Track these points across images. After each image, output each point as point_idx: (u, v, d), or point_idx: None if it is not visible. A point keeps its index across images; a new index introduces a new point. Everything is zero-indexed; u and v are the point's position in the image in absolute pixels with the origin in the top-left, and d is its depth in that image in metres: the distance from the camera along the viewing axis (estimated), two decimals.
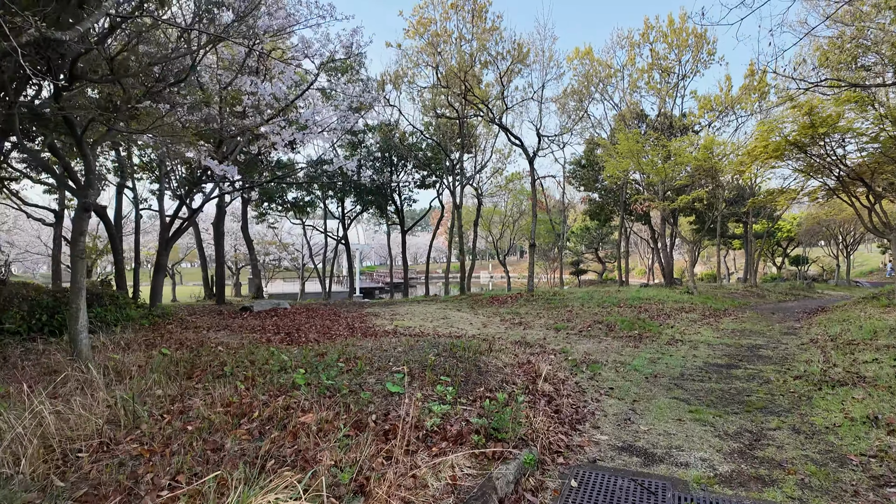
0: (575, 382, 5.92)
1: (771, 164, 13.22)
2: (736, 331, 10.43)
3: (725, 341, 9.04)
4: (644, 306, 13.37)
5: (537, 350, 7.73)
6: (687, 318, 12.03)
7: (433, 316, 11.84)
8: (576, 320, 11.10)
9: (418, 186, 24.66)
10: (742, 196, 27.51)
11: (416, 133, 21.60)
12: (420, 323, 10.64)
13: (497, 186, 27.98)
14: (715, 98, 20.84)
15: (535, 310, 12.95)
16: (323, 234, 23.00)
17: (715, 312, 13.86)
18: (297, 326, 9.63)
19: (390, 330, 9.57)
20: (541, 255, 39.89)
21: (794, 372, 6.63)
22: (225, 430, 3.65)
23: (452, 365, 5.53)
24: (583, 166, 27.15)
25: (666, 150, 18.25)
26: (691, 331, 10.20)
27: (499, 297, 15.90)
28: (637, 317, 11.54)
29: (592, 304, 13.68)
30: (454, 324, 10.54)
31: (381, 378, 4.97)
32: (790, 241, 37.93)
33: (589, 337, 9.25)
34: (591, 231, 35.65)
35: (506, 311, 12.57)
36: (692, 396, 5.56)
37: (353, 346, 6.61)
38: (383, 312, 12.69)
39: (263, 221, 25.02)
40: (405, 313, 12.46)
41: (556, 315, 11.91)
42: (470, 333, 9.31)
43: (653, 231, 28.52)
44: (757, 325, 11.33)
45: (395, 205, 24.09)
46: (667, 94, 22.84)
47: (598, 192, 27.72)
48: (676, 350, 8.18)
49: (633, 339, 9.11)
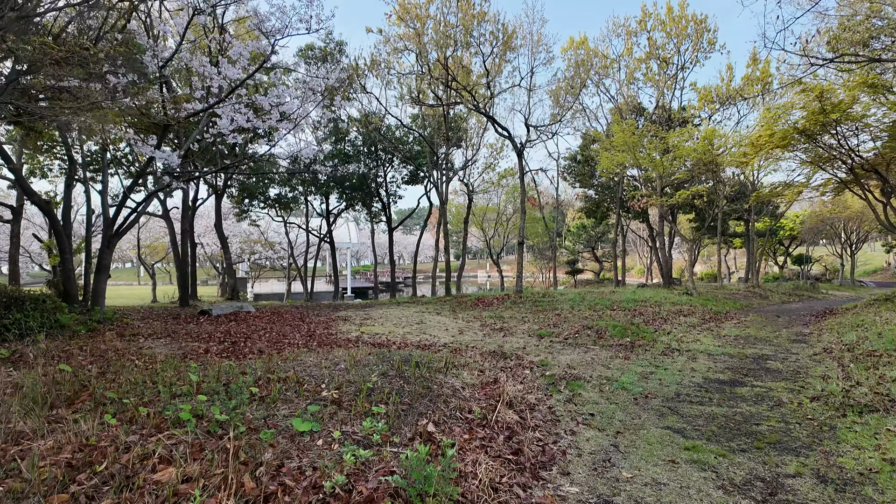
0: (548, 407, 4.92)
1: (777, 154, 12.23)
2: (739, 338, 9.43)
3: (728, 351, 8.05)
4: (639, 309, 12.37)
5: (512, 363, 6.73)
6: (685, 323, 11.04)
7: (408, 320, 10.85)
8: (563, 325, 10.10)
9: (406, 182, 23.66)
10: (744, 193, 26.52)
11: (401, 127, 20.59)
12: (390, 329, 9.65)
13: (489, 183, 26.97)
14: (716, 89, 19.83)
15: (520, 313, 11.96)
16: (305, 231, 21.98)
17: (715, 316, 12.87)
18: (249, 334, 8.63)
19: (353, 338, 8.58)
20: (537, 254, 38.89)
21: (810, 391, 5.63)
22: (43, 494, 2.66)
23: (398, 387, 4.54)
24: (578, 162, 26.14)
25: (664, 143, 17.26)
26: (690, 338, 9.20)
27: (485, 298, 14.91)
28: (630, 321, 10.54)
29: (583, 306, 12.68)
30: (428, 330, 9.55)
31: (299, 407, 3.98)
32: (792, 240, 36.94)
33: (575, 346, 8.25)
34: (587, 229, 34.62)
35: (489, 315, 11.58)
36: (689, 425, 4.56)
37: (293, 361, 5.62)
38: (355, 316, 11.70)
39: (245, 218, 24.00)
40: (379, 317, 11.47)
41: (542, 319, 10.92)
42: (442, 342, 8.32)
43: (651, 229, 27.52)
44: (762, 331, 10.33)
45: (381, 202, 23.09)
46: (665, 86, 21.81)
47: (595, 188, 26.72)
48: (672, 362, 7.18)
49: (623, 348, 8.11)
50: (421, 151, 20.85)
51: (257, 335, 8.60)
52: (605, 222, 31.06)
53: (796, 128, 10.20)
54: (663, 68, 21.60)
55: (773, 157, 12.61)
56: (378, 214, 24.08)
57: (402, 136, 21.48)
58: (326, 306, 15.29)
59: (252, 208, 23.81)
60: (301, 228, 23.73)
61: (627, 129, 16.45)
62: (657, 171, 17.10)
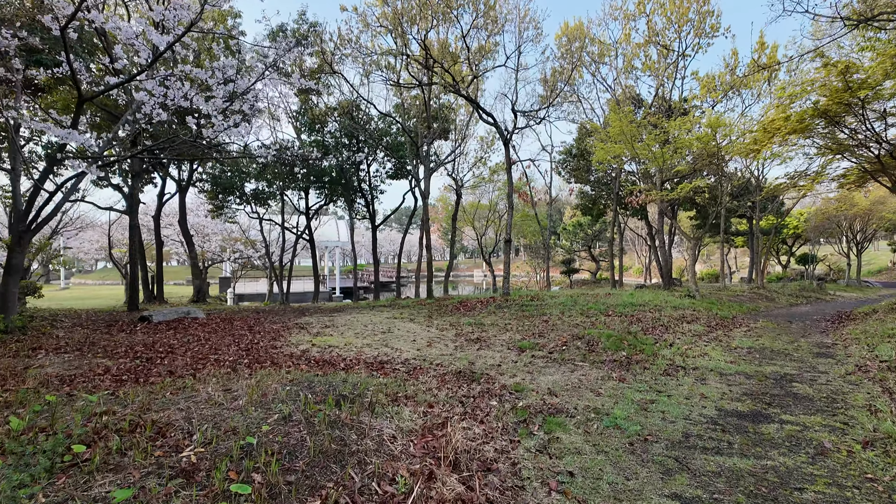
0: (512, 463, 3.60)
1: (792, 141, 10.94)
2: (753, 351, 8.13)
3: (743, 368, 6.74)
4: (637, 314, 11.07)
5: (479, 389, 5.41)
6: (689, 331, 9.73)
7: (374, 329, 9.53)
8: (550, 335, 8.79)
9: (391, 177, 22.32)
10: (747, 189, 25.24)
11: (384, 117, 19.23)
12: (349, 340, 8.32)
13: (480, 178, 25.65)
14: (719, 76, 18.51)
15: (503, 319, 10.64)
16: (281, 228, 20.63)
17: (722, 322, 11.57)
18: (175, 348, 7.30)
19: (299, 352, 7.26)
20: (533, 252, 37.53)
21: (859, 431, 4.33)
22: None
23: (297, 441, 3.23)
24: (573, 156, 24.82)
25: (664, 134, 15.94)
26: (696, 351, 7.89)
27: (468, 301, 13.60)
28: (627, 330, 9.23)
29: (575, 311, 11.38)
30: (393, 341, 8.23)
31: (130, 480, 2.66)
32: (796, 239, 35.67)
33: (560, 362, 6.94)
34: (584, 227, 33.31)
35: (467, 322, 10.26)
36: (705, 491, 3.26)
37: (186, 392, 4.32)
38: (317, 323, 10.37)
39: (220, 215, 22.63)
40: (343, 325, 10.14)
41: (526, 327, 9.60)
42: (402, 357, 7.00)
43: (650, 227, 26.23)
44: (777, 341, 9.03)
45: (364, 197, 21.75)
46: (665, 75, 20.50)
47: (591, 184, 25.41)
48: (677, 385, 5.88)
49: (618, 365, 6.80)
50: (404, 143, 19.53)
51: (185, 349, 7.27)
52: (602, 220, 29.76)
53: (816, 108, 8.91)
54: (663, 55, 20.29)
55: (787, 143, 11.30)
56: (361, 211, 22.72)
57: (385, 126, 20.15)
58: (294, 310, 13.96)
59: (228, 204, 22.44)
60: (277, 225, 22.34)
61: (625, 116, 15.15)
62: (657, 163, 15.80)
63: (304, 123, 19.18)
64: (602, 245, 38.21)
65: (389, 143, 19.45)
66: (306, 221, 21.78)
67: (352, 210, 22.63)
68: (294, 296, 29.15)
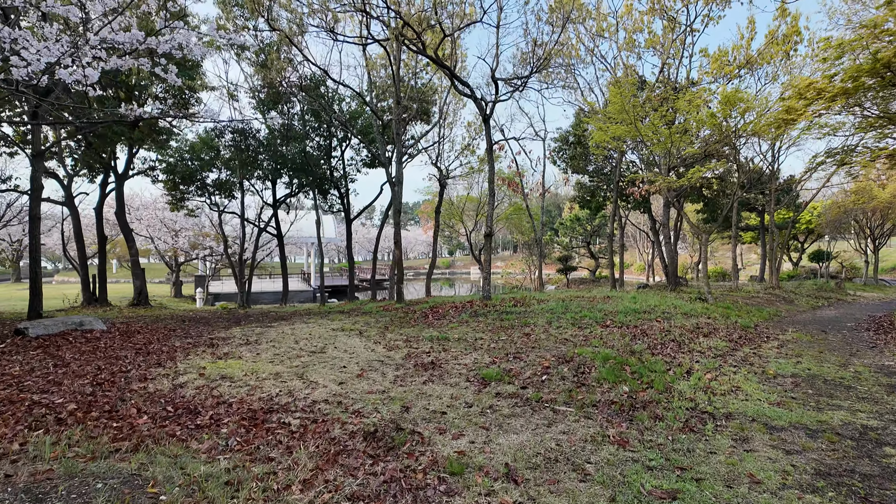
0: None
1: (836, 108, 8.84)
2: (798, 380, 6.05)
3: (798, 416, 4.66)
4: (641, 325, 8.99)
5: (393, 469, 3.33)
6: (709, 349, 7.66)
7: (305, 347, 7.45)
8: (529, 356, 6.72)
9: (367, 165, 20.22)
10: (760, 180, 23.13)
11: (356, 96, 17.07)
12: (258, 367, 6.25)
13: (468, 168, 23.51)
14: (734, 48, 16.36)
15: (475, 332, 8.56)
16: (241, 220, 18.54)
17: (745, 333, 9.49)
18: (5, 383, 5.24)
19: (169, 390, 5.21)
20: (529, 249, 35.33)
21: None
22: None
23: None
24: (570, 143, 22.68)
25: (672, 113, 13.83)
26: (724, 383, 5.81)
27: (440, 307, 11.51)
28: (629, 348, 7.16)
29: (565, 320, 9.30)
30: (314, 369, 6.14)
31: None
32: (808, 234, 33.54)
33: (535, 405, 4.86)
34: (582, 222, 31.17)
35: (428, 337, 8.17)
36: None
37: None
38: (240, 337, 8.29)
39: (181, 208, 20.52)
40: (272, 339, 8.07)
41: (501, 344, 7.52)
42: (310, 399, 4.94)
43: (653, 221, 24.11)
44: (825, 364, 6.95)
45: (336, 187, 19.64)
46: (672, 53, 18.34)
47: (589, 174, 23.27)
48: (707, 452, 3.81)
49: (618, 410, 4.72)
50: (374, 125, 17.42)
51: (9, 385, 5.20)
52: (602, 214, 27.66)
53: (876, 60, 6.80)
54: (669, 30, 18.13)
55: (829, 112, 9.13)
56: (335, 203, 20.58)
57: (360, 108, 18.05)
58: (237, 316, 11.90)
59: (189, 196, 20.33)
60: (248, 222, 20.23)
61: (627, 91, 13.06)
62: (663, 147, 13.70)
63: (265, 101, 17.05)
64: (602, 241, 36.11)
65: (361, 126, 17.34)
66: (273, 213, 19.69)
67: (325, 201, 20.52)
68: (273, 296, 27.12)
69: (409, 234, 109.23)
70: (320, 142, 19.03)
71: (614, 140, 14.25)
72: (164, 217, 28.02)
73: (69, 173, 16.70)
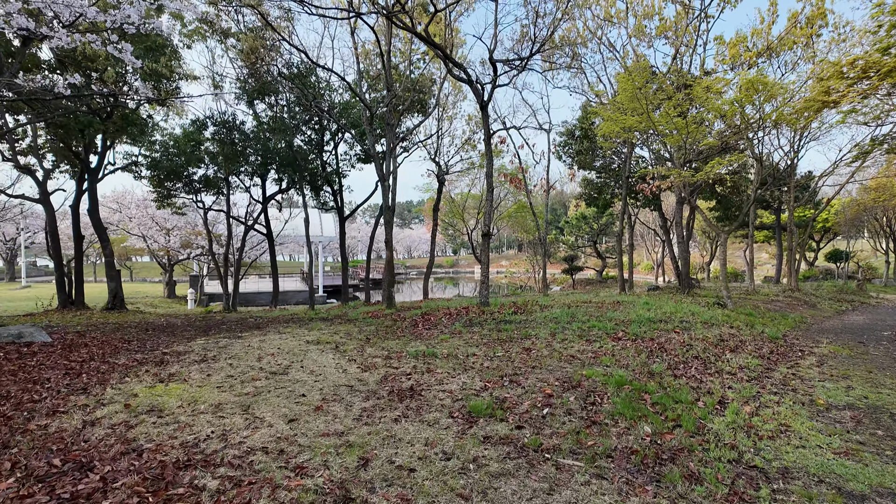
0: None
1: (885, 88, 7.67)
2: (858, 413, 4.95)
3: (874, 473, 3.57)
4: (658, 338, 7.89)
5: None
6: (739, 370, 6.55)
7: (265, 367, 6.39)
8: (528, 379, 5.65)
9: (362, 161, 19.16)
10: (776, 176, 21.88)
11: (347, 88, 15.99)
12: (202, 395, 5.21)
13: (469, 163, 22.39)
14: (753, 33, 15.17)
15: (468, 346, 7.48)
16: (227, 217, 17.55)
17: (776, 347, 8.37)
18: None
19: (73, 432, 4.18)
20: (534, 248, 34.15)
21: None
22: None
23: None
24: (576, 138, 21.52)
25: (687, 101, 12.68)
26: (767, 419, 4.72)
27: (433, 314, 10.43)
28: (647, 368, 6.08)
29: (571, 332, 8.21)
30: (265, 400, 5.08)
31: None
32: (824, 233, 32.20)
33: (532, 459, 3.79)
34: (588, 220, 29.96)
35: (413, 352, 7.10)
36: None
37: None
38: (198, 353, 7.25)
39: (169, 205, 19.57)
40: (233, 356, 7.03)
41: (496, 363, 6.45)
42: (244, 447, 3.88)
43: (664, 219, 22.94)
44: (883, 391, 5.83)
45: (329, 183, 18.58)
46: (684, 40, 17.14)
47: (597, 170, 22.10)
48: None
49: (640, 466, 3.64)
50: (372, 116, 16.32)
51: None
52: (609, 212, 26.47)
53: None
54: (683, 15, 16.94)
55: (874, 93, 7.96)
56: (328, 201, 19.50)
57: (353, 100, 16.99)
58: (209, 324, 10.87)
59: (176, 193, 19.36)
60: (235, 220, 19.25)
61: (639, 76, 11.95)
62: (677, 139, 12.56)
63: (250, 91, 15.99)
64: (609, 240, 34.88)
65: (353, 117, 16.26)
66: (262, 210, 18.67)
67: (318, 199, 19.46)
68: (270, 297, 26.09)
69: (413, 233, 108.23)
70: (311, 136, 17.97)
71: (625, 131, 13.10)
72: (156, 215, 27.12)
73: (45, 169, 15.78)
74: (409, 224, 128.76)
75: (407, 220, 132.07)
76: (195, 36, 16.66)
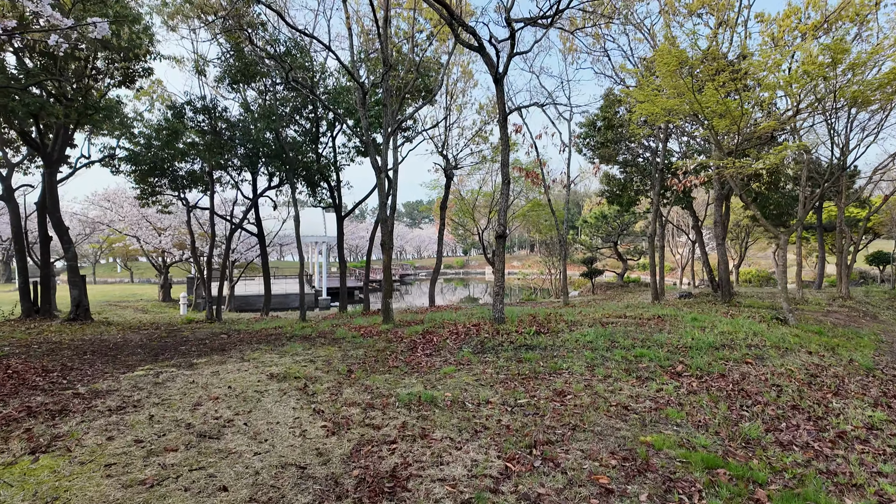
0: None
1: None
2: None
3: None
4: (730, 373, 6.00)
5: None
6: (866, 430, 4.63)
7: (202, 421, 4.59)
8: (568, 455, 3.80)
9: (361, 154, 17.37)
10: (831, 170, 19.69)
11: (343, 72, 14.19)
12: (73, 484, 3.43)
13: (480, 157, 20.50)
14: (808, 3, 13.14)
15: (479, 385, 5.62)
16: (210, 215, 15.87)
17: (885, 385, 6.39)
18: None
19: None
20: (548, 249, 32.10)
21: None
22: None
23: None
24: (598, 129, 19.54)
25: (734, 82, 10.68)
26: None
27: (436, 333, 8.57)
28: (737, 431, 4.19)
29: (614, 363, 6.32)
30: (168, 497, 3.29)
31: None
32: (864, 233, 29.77)
33: None
34: (608, 220, 27.87)
35: (407, 395, 5.26)
36: None
37: None
38: (120, 394, 5.48)
39: (155, 203, 17.93)
40: (164, 400, 5.25)
41: (520, 419, 4.58)
42: None
43: (695, 218, 20.86)
44: None
45: (326, 180, 16.81)
46: (724, 20, 15.11)
47: (620, 165, 20.10)
48: None
49: None
50: (373, 105, 14.53)
51: None
52: (632, 211, 24.40)
53: None
54: None
55: None
56: (325, 198, 17.72)
57: (346, 84, 15.22)
58: (156, 344, 9.10)
59: (161, 190, 17.72)
60: (221, 218, 17.56)
61: (680, 52, 10.05)
62: (725, 123, 10.60)
63: (233, 73, 14.25)
64: (629, 240, 32.71)
65: (350, 104, 14.47)
66: (250, 207, 16.95)
67: (315, 195, 17.69)
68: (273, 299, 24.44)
69: (423, 233, 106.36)
70: (305, 126, 16.21)
71: (665, 114, 11.15)
72: (148, 214, 25.61)
73: (9, 162, 14.26)
74: (419, 224, 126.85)
75: (416, 220, 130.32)
76: (177, 16, 15.04)
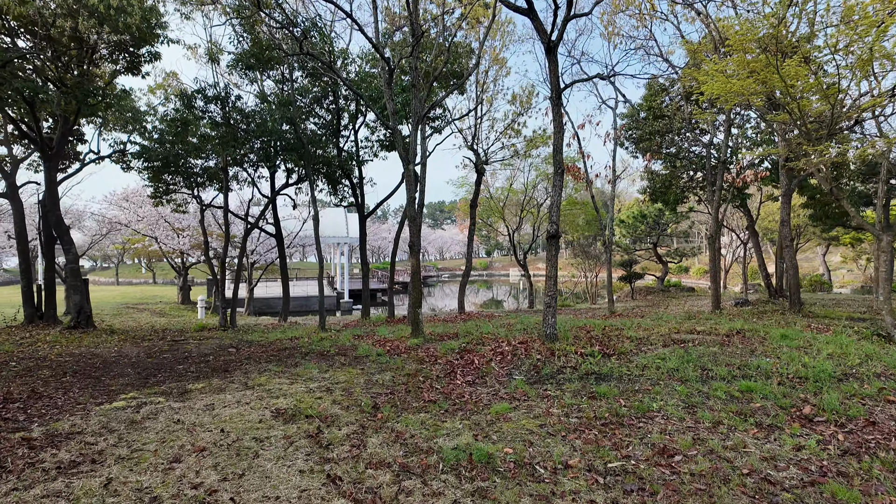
0: None
1: None
2: None
3: None
4: (873, 415, 4.46)
5: None
6: None
7: (172, 493, 3.31)
8: None
9: (385, 148, 16.13)
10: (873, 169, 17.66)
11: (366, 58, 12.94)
12: None
13: (513, 151, 19.02)
14: None
15: (546, 436, 4.23)
16: (224, 213, 14.81)
17: None
18: None
19: None
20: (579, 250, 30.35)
21: None
22: None
23: None
24: (642, 120, 17.94)
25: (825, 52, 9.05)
26: None
27: (476, 350, 7.19)
28: None
29: (716, 400, 4.86)
30: None
31: None
32: None
33: None
34: (648, 219, 26.07)
35: (453, 450, 3.92)
36: None
37: None
38: (82, 440, 4.28)
39: (169, 202, 17.04)
40: (140, 449, 4.03)
41: (616, 496, 3.18)
42: None
43: (750, 217, 19.01)
44: None
45: (347, 176, 15.62)
46: None
47: (664, 159, 18.42)
48: None
49: None
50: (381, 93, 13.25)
51: None
52: (676, 210, 22.62)
53: None
54: None
55: None
56: (344, 194, 16.50)
57: (370, 70, 13.98)
58: (151, 361, 7.91)
59: (176, 188, 16.81)
60: (235, 216, 16.51)
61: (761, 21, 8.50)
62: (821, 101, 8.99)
63: (246, 58, 13.12)
64: (666, 242, 30.77)
65: (374, 91, 13.19)
66: (267, 205, 15.86)
67: (336, 193, 16.52)
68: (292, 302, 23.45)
69: (445, 234, 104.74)
70: (326, 118, 15.04)
71: (736, 95, 9.56)
72: (165, 213, 24.94)
73: (13, 157, 13.46)
74: (441, 224, 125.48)
75: (438, 221, 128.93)
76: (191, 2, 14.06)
